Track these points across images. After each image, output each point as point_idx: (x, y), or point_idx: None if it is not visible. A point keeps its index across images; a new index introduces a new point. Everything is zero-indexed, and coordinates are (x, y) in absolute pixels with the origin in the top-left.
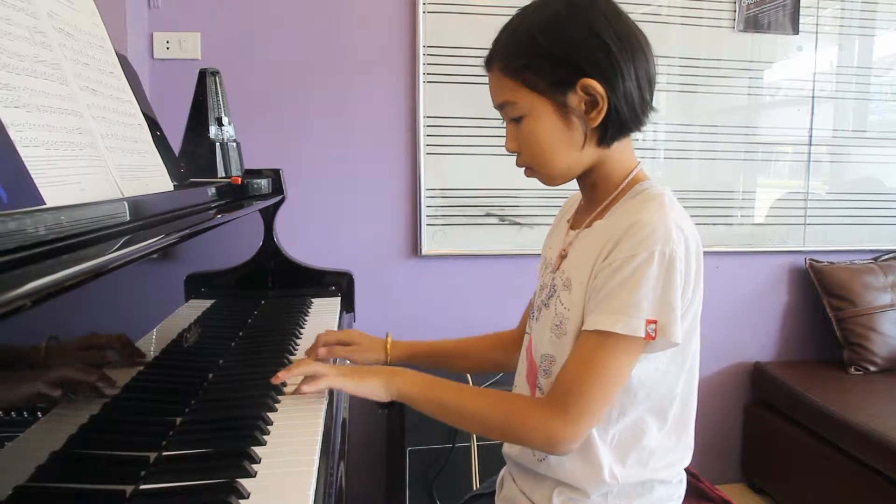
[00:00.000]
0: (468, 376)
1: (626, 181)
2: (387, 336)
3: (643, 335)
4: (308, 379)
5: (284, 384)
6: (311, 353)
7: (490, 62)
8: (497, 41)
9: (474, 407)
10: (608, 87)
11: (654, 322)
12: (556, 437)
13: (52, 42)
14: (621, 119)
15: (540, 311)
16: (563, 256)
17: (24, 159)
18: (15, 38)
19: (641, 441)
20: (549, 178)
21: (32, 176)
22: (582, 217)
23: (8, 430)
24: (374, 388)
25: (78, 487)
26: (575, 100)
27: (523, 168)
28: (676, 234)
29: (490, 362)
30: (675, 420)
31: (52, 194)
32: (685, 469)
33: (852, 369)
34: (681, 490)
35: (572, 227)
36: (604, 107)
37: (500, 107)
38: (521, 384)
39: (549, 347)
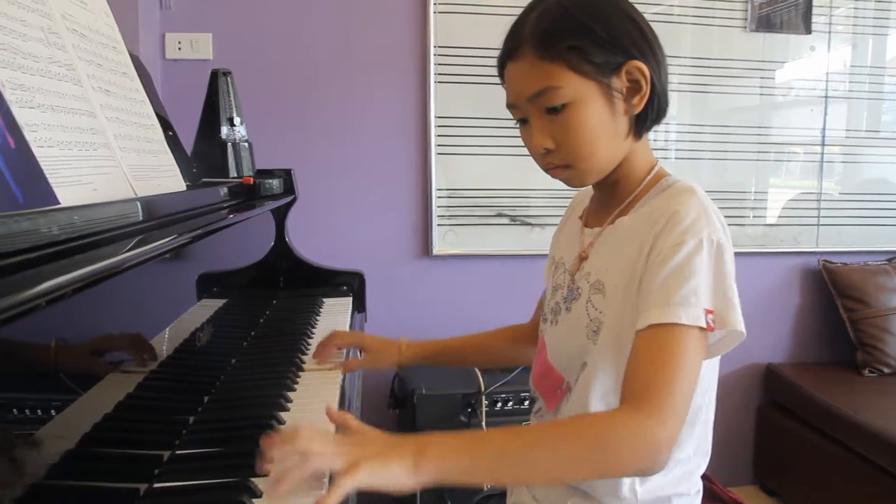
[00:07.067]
0: (478, 373)
1: (649, 177)
2: (401, 338)
3: (705, 325)
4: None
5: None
6: (325, 354)
7: (517, 49)
8: (520, 28)
9: (546, 445)
10: (651, 70)
11: (712, 312)
12: (654, 443)
13: (66, 43)
14: (659, 105)
15: (557, 315)
16: (583, 258)
17: (38, 159)
18: (30, 39)
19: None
20: (587, 175)
21: (47, 176)
22: (598, 215)
23: (23, 428)
24: (396, 475)
25: (92, 485)
26: (618, 84)
27: (550, 168)
28: (718, 223)
29: (507, 357)
30: (700, 428)
31: (67, 194)
32: None
33: (866, 371)
34: (697, 501)
35: (587, 226)
36: (647, 92)
37: (535, 96)
38: (533, 389)
39: (583, 354)
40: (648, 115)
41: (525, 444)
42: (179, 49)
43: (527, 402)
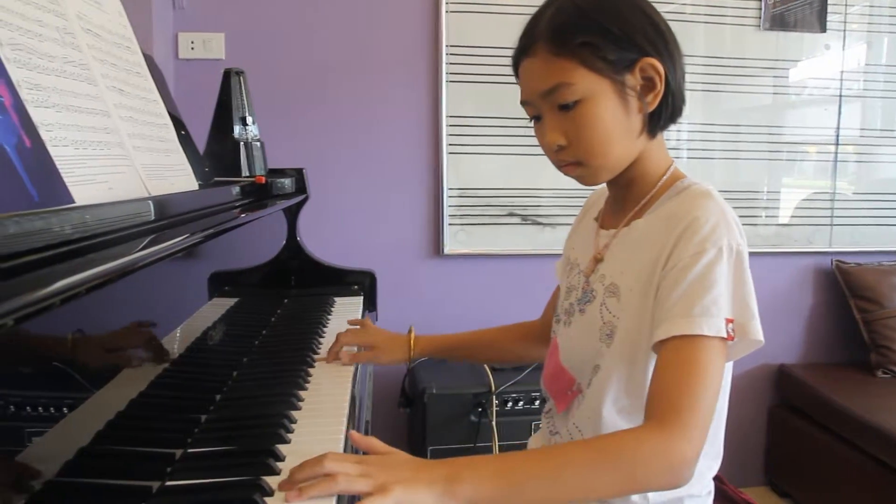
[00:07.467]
0: (488, 372)
1: (665, 178)
2: (410, 331)
3: (726, 335)
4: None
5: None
6: (332, 355)
7: (531, 46)
8: (535, 25)
9: (575, 468)
10: (666, 68)
11: (732, 321)
12: (681, 460)
13: (81, 43)
14: (674, 104)
15: (571, 316)
16: (598, 259)
17: (53, 158)
18: (45, 39)
19: None
20: (599, 172)
21: (62, 175)
22: (614, 216)
23: (37, 425)
24: (425, 501)
25: (105, 483)
26: (631, 81)
27: (562, 164)
28: (737, 229)
29: (514, 354)
30: (712, 431)
31: (81, 193)
32: None
33: (879, 372)
34: (708, 502)
35: (603, 227)
36: (661, 89)
37: (548, 92)
38: (544, 390)
39: (596, 357)
40: (663, 114)
41: (555, 467)
42: (192, 49)
43: (537, 402)
